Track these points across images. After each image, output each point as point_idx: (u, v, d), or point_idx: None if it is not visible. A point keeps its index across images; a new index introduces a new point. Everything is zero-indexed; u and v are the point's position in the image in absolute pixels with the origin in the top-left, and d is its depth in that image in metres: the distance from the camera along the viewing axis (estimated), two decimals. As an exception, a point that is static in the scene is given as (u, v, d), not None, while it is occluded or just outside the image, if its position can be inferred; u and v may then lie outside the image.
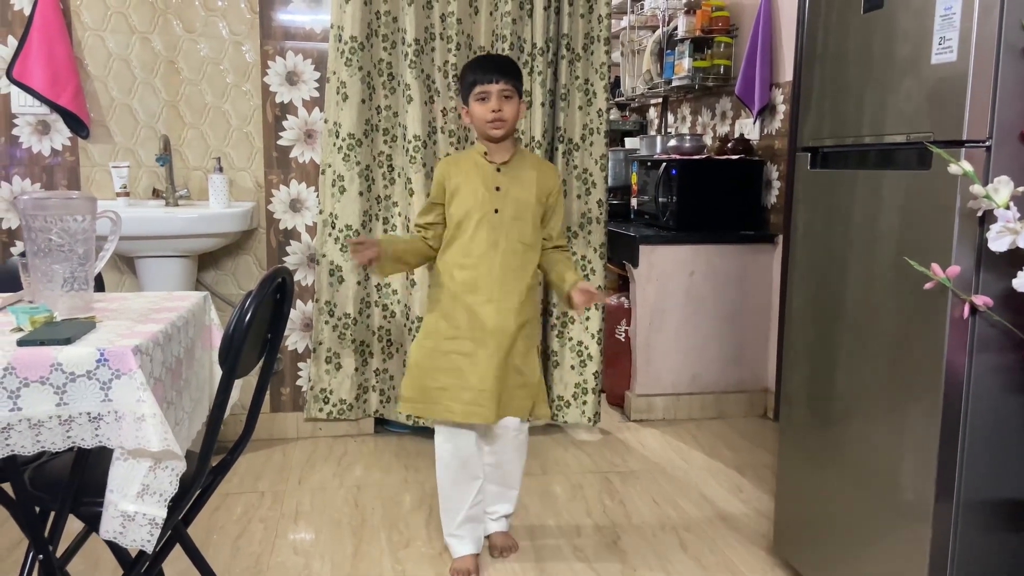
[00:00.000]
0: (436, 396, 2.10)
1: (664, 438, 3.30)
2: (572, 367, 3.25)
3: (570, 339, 3.25)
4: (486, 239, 2.09)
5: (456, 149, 3.04)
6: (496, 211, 2.09)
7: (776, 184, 3.56)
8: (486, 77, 2.06)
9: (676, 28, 4.05)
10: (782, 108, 3.50)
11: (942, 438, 1.60)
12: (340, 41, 2.93)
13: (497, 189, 2.10)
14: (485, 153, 2.13)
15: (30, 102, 2.87)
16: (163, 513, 1.30)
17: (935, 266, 1.49)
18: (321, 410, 3.14)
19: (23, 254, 1.50)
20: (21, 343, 1.24)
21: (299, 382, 3.22)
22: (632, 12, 4.62)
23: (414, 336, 3.12)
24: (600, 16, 3.09)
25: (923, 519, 1.64)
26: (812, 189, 2.06)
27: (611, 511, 2.60)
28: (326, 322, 3.09)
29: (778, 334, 3.50)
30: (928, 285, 1.52)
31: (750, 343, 3.57)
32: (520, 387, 2.14)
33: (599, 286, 3.21)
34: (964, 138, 1.53)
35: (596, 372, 3.24)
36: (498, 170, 2.12)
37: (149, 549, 1.30)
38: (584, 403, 3.25)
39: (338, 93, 2.96)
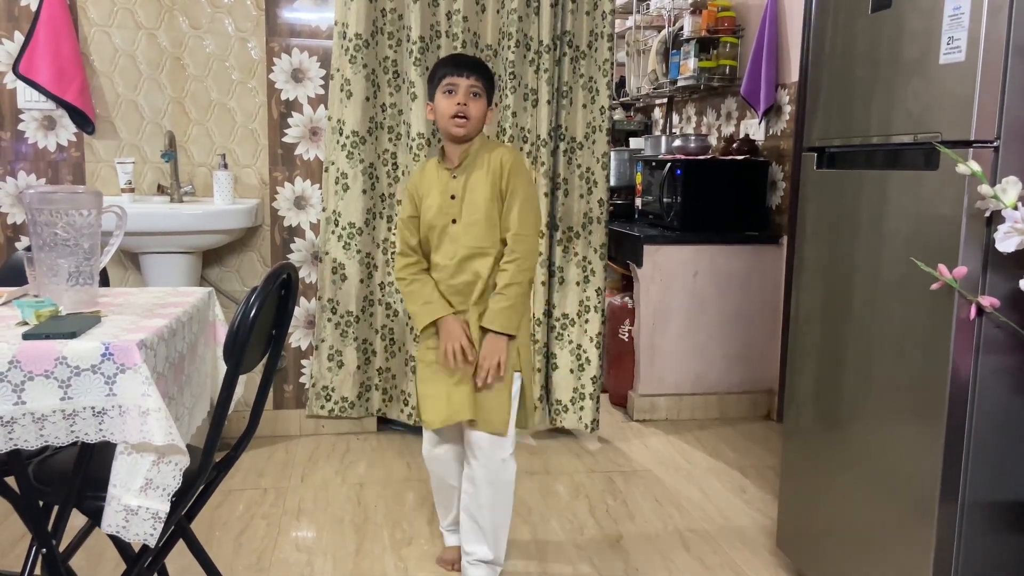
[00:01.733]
0: (425, 404, 2.06)
1: (667, 438, 3.30)
2: (571, 371, 3.23)
3: (569, 342, 3.22)
4: (447, 251, 2.00)
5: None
6: (454, 221, 1.99)
7: (781, 185, 3.55)
8: (456, 71, 1.96)
9: (682, 28, 4.04)
10: (788, 109, 3.49)
11: (947, 439, 1.59)
12: (345, 38, 2.93)
13: (452, 198, 1.99)
14: (441, 160, 2.03)
15: (36, 97, 2.87)
16: (166, 507, 1.30)
17: (942, 267, 1.49)
18: (323, 407, 3.14)
19: (28, 248, 1.50)
20: (26, 337, 1.24)
21: (302, 379, 3.22)
22: (638, 12, 4.62)
23: (416, 336, 3.11)
24: (604, 13, 3.08)
25: (927, 520, 1.63)
26: (818, 189, 2.05)
27: (614, 511, 2.60)
28: (329, 320, 3.09)
29: (782, 335, 3.49)
30: (935, 286, 1.51)
31: (754, 344, 3.56)
32: (494, 395, 1.99)
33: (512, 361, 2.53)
34: (972, 138, 1.53)
35: (594, 377, 3.20)
36: (454, 177, 2.00)
37: (152, 543, 1.30)
38: (582, 408, 3.21)
39: (342, 90, 2.96)
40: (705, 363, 3.54)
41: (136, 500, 1.27)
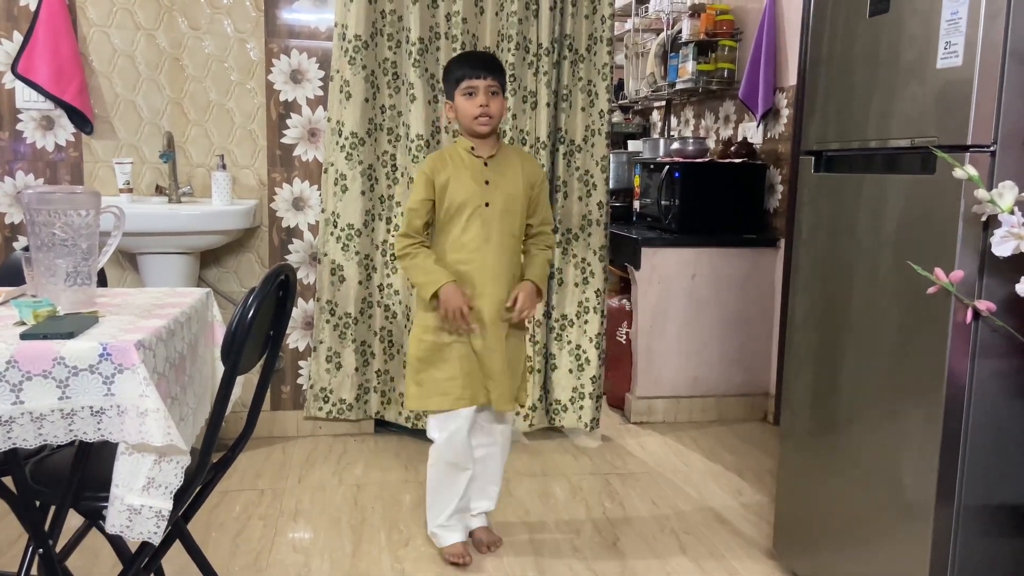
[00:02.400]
0: (445, 387, 2.14)
1: (664, 441, 3.30)
2: (570, 371, 3.24)
3: (568, 342, 3.23)
4: (479, 233, 2.11)
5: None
6: (487, 204, 2.11)
7: (779, 188, 3.56)
8: (474, 73, 2.08)
9: (680, 31, 4.05)
10: (786, 112, 3.50)
11: (943, 443, 1.60)
12: (344, 40, 2.94)
13: (486, 183, 2.13)
14: (472, 148, 2.15)
15: (35, 97, 2.87)
16: (169, 505, 1.30)
17: (938, 271, 1.49)
18: (321, 409, 3.14)
19: (27, 248, 1.51)
20: (24, 337, 1.24)
21: (299, 380, 3.22)
22: (636, 15, 4.63)
23: (408, 325, 3.09)
24: (603, 17, 3.09)
25: (924, 523, 1.64)
26: (816, 193, 2.06)
27: (611, 512, 2.60)
28: (327, 321, 3.09)
29: (779, 338, 3.50)
30: (931, 290, 1.52)
31: (751, 347, 3.57)
32: (516, 378, 2.21)
33: (548, 305, 3.22)
34: (969, 143, 1.53)
35: (594, 377, 3.22)
36: (485, 164, 2.14)
37: (156, 541, 1.31)
38: (581, 408, 3.23)
39: (341, 92, 2.96)
40: (703, 366, 3.54)
41: (139, 499, 1.28)
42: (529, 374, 2.53)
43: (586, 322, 3.22)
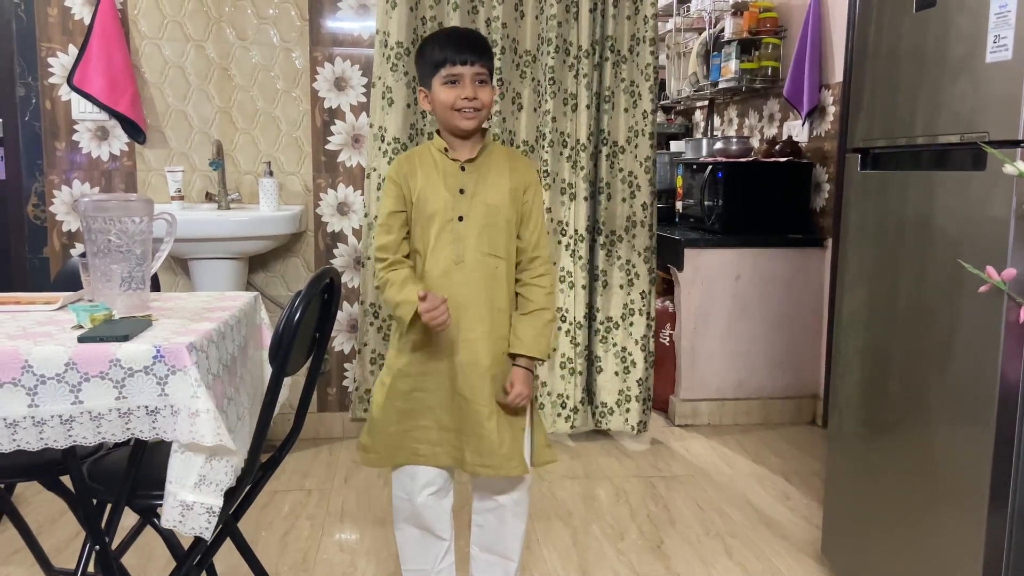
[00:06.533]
0: (397, 440, 1.80)
1: (709, 443, 3.27)
2: (616, 373, 3.23)
3: (614, 344, 3.23)
4: (449, 253, 1.73)
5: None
6: (460, 218, 1.73)
7: (826, 187, 3.50)
8: (459, 57, 1.68)
9: (723, 30, 4.01)
10: (832, 110, 3.45)
11: (996, 445, 1.56)
12: (386, 47, 2.97)
13: (461, 192, 1.74)
14: (446, 149, 1.76)
15: (90, 108, 2.97)
16: (220, 502, 1.34)
17: (990, 269, 1.46)
18: (366, 411, 3.17)
19: (83, 255, 1.56)
20: (82, 339, 1.28)
21: (345, 382, 3.27)
22: (678, 14, 4.60)
23: (374, 360, 3.11)
24: (646, 17, 3.09)
25: (976, 527, 1.60)
26: (863, 191, 2.02)
27: (655, 516, 2.59)
28: (371, 324, 3.12)
29: (827, 339, 3.44)
30: (983, 288, 1.48)
31: (798, 348, 3.52)
32: (506, 434, 1.78)
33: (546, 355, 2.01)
34: (1020, 138, 1.50)
35: (640, 379, 3.21)
36: (462, 169, 1.75)
37: (207, 537, 1.34)
38: (627, 411, 3.23)
39: (383, 98, 3.00)
40: (748, 368, 3.50)
41: (191, 496, 1.32)
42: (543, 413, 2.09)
43: (632, 324, 3.21)
